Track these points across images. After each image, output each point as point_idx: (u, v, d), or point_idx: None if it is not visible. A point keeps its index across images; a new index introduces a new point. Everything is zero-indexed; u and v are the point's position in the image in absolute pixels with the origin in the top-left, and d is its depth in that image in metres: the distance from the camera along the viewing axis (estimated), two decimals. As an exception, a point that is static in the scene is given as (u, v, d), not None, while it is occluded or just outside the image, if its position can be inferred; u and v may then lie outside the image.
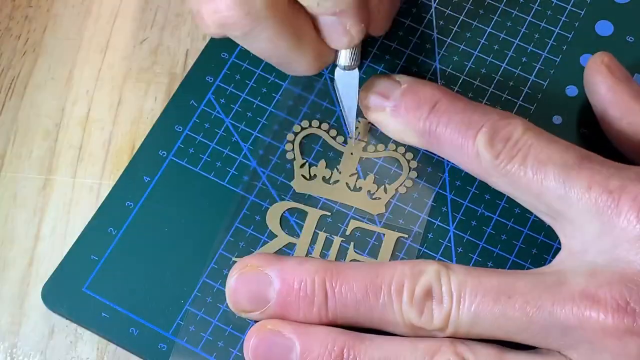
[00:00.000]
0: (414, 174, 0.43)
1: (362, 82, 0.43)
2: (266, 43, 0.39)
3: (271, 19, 0.38)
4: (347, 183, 0.43)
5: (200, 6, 0.39)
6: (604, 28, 0.46)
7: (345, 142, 0.44)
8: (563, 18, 0.46)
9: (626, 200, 0.35)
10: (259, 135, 0.44)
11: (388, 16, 0.42)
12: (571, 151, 0.37)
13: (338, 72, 0.42)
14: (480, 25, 0.46)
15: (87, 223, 0.42)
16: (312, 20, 0.40)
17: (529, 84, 0.45)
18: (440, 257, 0.41)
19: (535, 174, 0.37)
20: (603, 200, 0.36)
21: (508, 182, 0.38)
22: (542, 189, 0.37)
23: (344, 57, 0.42)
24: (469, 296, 0.36)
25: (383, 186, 0.43)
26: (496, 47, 0.46)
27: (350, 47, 0.41)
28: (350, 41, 0.40)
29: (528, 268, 0.41)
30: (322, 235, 0.42)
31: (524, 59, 0.45)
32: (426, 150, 0.43)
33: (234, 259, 0.41)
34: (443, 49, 0.46)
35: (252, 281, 0.38)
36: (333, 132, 0.44)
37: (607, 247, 0.36)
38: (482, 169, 0.39)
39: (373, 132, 0.44)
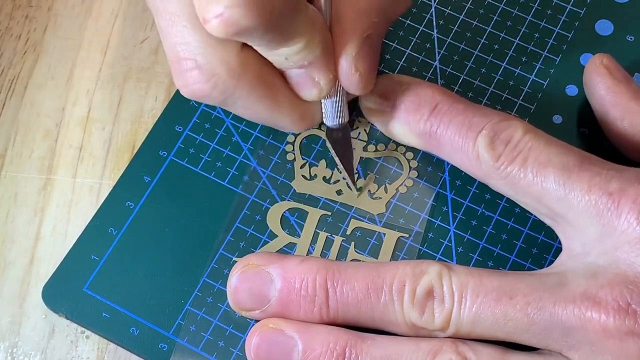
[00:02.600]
0: (414, 174, 0.43)
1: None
2: (244, 109, 0.40)
3: (240, 88, 0.38)
4: (347, 183, 0.43)
5: (175, 79, 0.39)
6: (604, 27, 0.46)
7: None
8: (563, 17, 0.46)
9: (626, 202, 0.35)
10: (259, 135, 0.44)
11: (368, 74, 0.40)
12: (571, 153, 0.37)
13: (328, 130, 0.42)
14: (481, 25, 0.46)
15: (87, 223, 0.42)
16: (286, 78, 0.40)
17: (529, 83, 0.45)
18: (441, 257, 0.41)
19: (536, 176, 0.37)
20: (603, 203, 0.36)
21: (508, 184, 0.38)
22: (542, 191, 0.37)
23: (328, 114, 0.41)
24: (470, 296, 0.36)
25: (383, 186, 0.43)
26: (496, 46, 0.46)
27: (321, 98, 0.40)
28: (319, 92, 0.40)
29: (528, 267, 0.41)
30: (322, 235, 0.42)
31: (524, 59, 0.45)
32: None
33: (234, 258, 0.41)
34: (443, 49, 0.46)
35: (253, 280, 0.38)
36: (333, 132, 0.44)
37: (608, 248, 0.36)
38: (482, 171, 0.39)
39: (373, 132, 0.44)
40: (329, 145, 0.42)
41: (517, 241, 0.41)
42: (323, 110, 0.41)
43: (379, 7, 0.39)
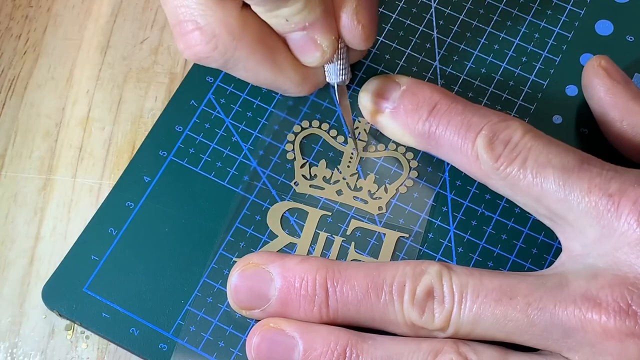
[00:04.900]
0: (414, 174, 0.43)
1: (362, 82, 0.43)
2: (246, 71, 0.41)
3: (240, 49, 0.39)
4: (347, 183, 0.43)
5: (177, 42, 0.40)
6: (604, 27, 0.46)
7: (345, 142, 0.44)
8: (563, 17, 0.46)
9: (626, 204, 0.35)
10: (259, 135, 0.44)
11: (370, 25, 0.40)
12: (571, 154, 0.37)
13: (332, 86, 0.43)
14: (480, 25, 0.46)
15: (87, 223, 0.42)
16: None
17: (529, 83, 0.45)
18: (441, 257, 0.41)
19: (535, 177, 0.37)
20: (603, 204, 0.36)
21: (508, 185, 0.38)
22: (542, 192, 0.37)
23: (331, 72, 0.42)
24: (471, 297, 0.36)
25: (383, 186, 0.43)
26: (496, 46, 0.46)
27: (324, 62, 0.41)
28: (322, 56, 0.40)
29: (528, 268, 0.41)
30: (322, 235, 0.42)
31: (523, 59, 0.45)
32: (426, 151, 0.43)
33: (234, 259, 0.41)
34: (443, 49, 0.46)
35: (253, 279, 0.38)
36: (333, 132, 0.44)
37: (608, 250, 0.36)
38: (482, 172, 0.39)
39: (373, 132, 0.44)
40: (336, 100, 0.43)
41: (517, 241, 0.41)
42: (325, 70, 0.42)
43: None
